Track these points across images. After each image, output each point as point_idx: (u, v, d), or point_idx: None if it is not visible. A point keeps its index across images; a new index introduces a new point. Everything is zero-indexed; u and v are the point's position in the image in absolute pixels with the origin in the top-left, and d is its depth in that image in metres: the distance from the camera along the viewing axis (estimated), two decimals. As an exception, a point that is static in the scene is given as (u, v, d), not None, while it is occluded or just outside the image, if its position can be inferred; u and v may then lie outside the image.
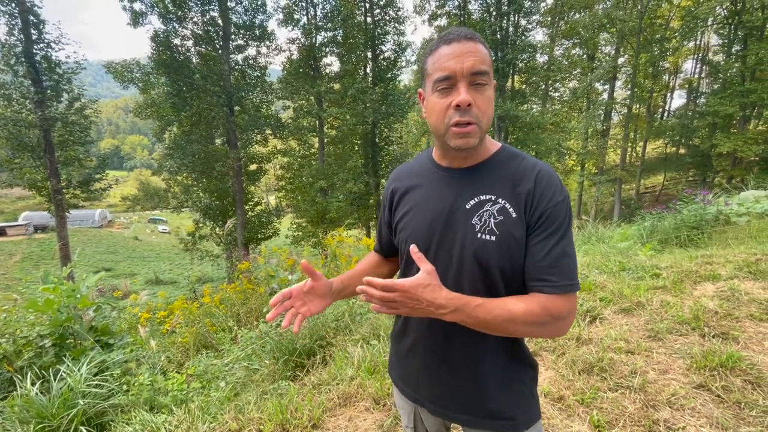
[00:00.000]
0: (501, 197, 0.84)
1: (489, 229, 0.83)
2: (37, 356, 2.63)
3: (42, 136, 13.44)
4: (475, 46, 0.79)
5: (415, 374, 1.00)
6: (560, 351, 2.41)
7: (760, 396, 1.81)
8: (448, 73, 0.78)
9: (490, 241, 0.82)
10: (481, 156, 0.89)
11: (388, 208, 1.05)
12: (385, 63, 20.16)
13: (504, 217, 0.83)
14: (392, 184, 1.04)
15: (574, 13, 24.13)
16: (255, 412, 2.09)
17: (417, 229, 0.92)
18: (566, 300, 0.80)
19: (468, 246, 0.84)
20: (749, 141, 18.84)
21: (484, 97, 0.80)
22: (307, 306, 0.94)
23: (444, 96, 0.80)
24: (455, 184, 0.89)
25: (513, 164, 0.87)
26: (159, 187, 21.61)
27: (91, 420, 2.16)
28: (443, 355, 0.92)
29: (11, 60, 13.04)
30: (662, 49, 22.55)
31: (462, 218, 0.86)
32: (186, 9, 16.13)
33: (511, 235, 0.82)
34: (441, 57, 0.80)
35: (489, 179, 0.87)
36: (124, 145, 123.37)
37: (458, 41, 0.79)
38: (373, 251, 1.20)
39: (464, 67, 0.77)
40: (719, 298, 2.79)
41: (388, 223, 1.06)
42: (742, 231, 4.85)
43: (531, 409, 0.93)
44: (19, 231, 32.12)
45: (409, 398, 1.04)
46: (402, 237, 0.97)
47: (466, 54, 0.78)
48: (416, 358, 0.98)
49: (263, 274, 4.22)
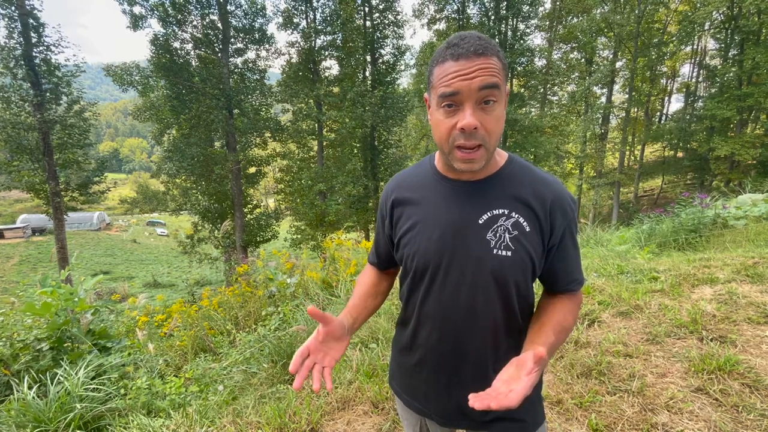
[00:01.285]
0: (514, 211, 0.82)
1: (504, 244, 0.82)
2: (35, 360, 2.62)
3: (41, 139, 13.42)
4: (487, 61, 0.71)
5: (423, 388, 0.97)
6: (558, 354, 2.41)
7: (758, 399, 1.81)
8: (453, 90, 0.72)
9: (507, 257, 0.81)
10: (490, 169, 0.86)
11: (388, 220, 0.99)
12: (384, 66, 20.23)
13: (518, 232, 0.82)
14: (392, 195, 0.97)
15: (572, 17, 24.29)
16: (253, 416, 2.08)
17: (424, 245, 0.87)
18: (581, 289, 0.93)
19: (485, 263, 0.82)
20: (746, 144, 18.94)
21: (492, 117, 0.74)
22: (329, 355, 0.85)
23: (449, 115, 0.75)
24: (464, 198, 0.86)
25: (523, 177, 0.85)
26: (158, 190, 21.56)
27: (89, 424, 2.15)
28: (453, 369, 0.91)
29: (10, 63, 13.03)
30: (660, 53, 22.71)
31: (475, 234, 0.83)
32: (186, 12, 16.17)
33: (526, 249, 0.82)
34: (448, 73, 0.73)
35: (500, 193, 0.84)
36: (123, 148, 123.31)
37: (467, 57, 0.71)
38: (369, 265, 1.14)
39: (472, 86, 0.71)
40: (717, 302, 2.79)
41: (389, 237, 1.00)
42: (740, 234, 4.87)
43: (538, 411, 0.94)
44: (16, 234, 32.02)
45: (416, 411, 1.01)
46: (407, 252, 0.92)
47: (474, 71, 0.71)
48: (424, 373, 0.95)
49: (262, 277, 4.22)
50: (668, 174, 28.24)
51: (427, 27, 22.45)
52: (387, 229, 1.00)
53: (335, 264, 4.29)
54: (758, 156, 19.06)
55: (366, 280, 1.09)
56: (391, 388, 1.11)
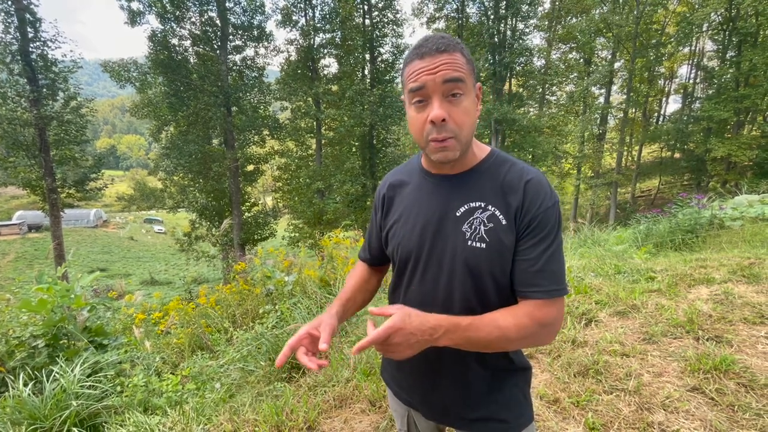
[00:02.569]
0: (491, 204, 0.84)
1: (479, 236, 0.82)
2: (30, 357, 2.60)
3: (37, 135, 13.34)
4: (450, 56, 0.76)
5: (408, 379, 0.99)
6: (556, 353, 2.42)
7: (753, 399, 1.82)
8: (420, 84, 0.76)
9: (480, 249, 0.82)
10: (469, 163, 0.88)
11: (380, 211, 1.03)
12: (383, 65, 20.22)
13: (494, 224, 0.82)
14: (384, 189, 1.03)
15: (571, 17, 24.32)
16: (250, 413, 2.08)
17: (406, 238, 0.91)
18: (554, 305, 0.80)
19: (459, 254, 0.84)
20: (743, 146, 19.04)
21: (459, 109, 0.77)
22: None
23: (420, 110, 0.79)
24: (444, 192, 0.89)
25: (502, 170, 0.86)
26: (155, 187, 21.48)
27: (84, 421, 2.14)
28: (435, 360, 0.91)
29: (7, 58, 12.95)
30: (658, 54, 22.77)
31: (452, 226, 0.85)
32: (184, 9, 16.11)
33: (501, 241, 0.82)
34: (414, 70, 0.78)
35: (478, 186, 0.86)
36: (120, 145, 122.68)
37: (431, 55, 0.76)
38: (360, 261, 1.16)
39: (436, 79, 0.75)
40: (713, 302, 2.80)
41: (380, 227, 1.04)
42: (736, 235, 4.89)
43: (524, 412, 0.94)
44: (12, 230, 31.83)
45: (403, 401, 1.04)
46: (393, 245, 0.96)
47: (438, 65, 0.75)
48: (409, 363, 0.95)
49: (259, 275, 4.20)
50: (665, 175, 28.37)
51: (427, 26, 22.44)
52: (379, 219, 1.04)
53: (333, 262, 4.28)
54: (755, 157, 19.16)
55: (356, 275, 1.11)
56: (383, 380, 1.13)
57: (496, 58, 20.10)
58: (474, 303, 0.85)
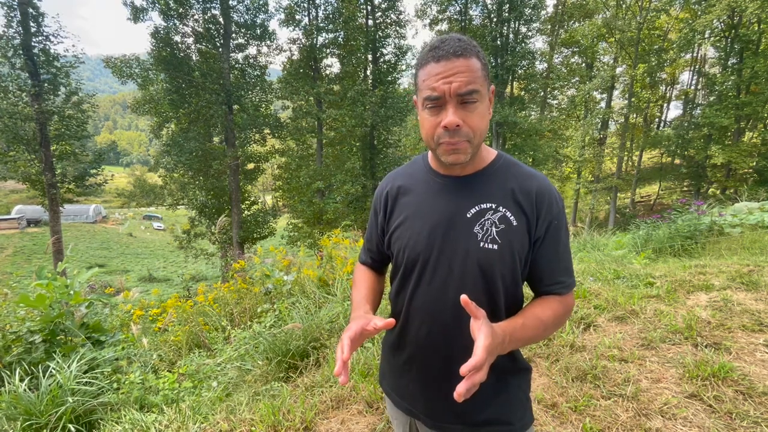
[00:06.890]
0: (502, 205, 0.84)
1: (491, 237, 0.83)
2: (27, 352, 2.60)
3: (38, 130, 13.33)
4: (467, 63, 0.75)
5: (411, 387, 0.97)
6: (554, 358, 2.41)
7: (752, 406, 1.82)
8: (437, 93, 0.76)
9: (493, 250, 0.82)
10: (478, 165, 0.88)
11: (382, 214, 1.00)
12: (385, 66, 20.22)
13: (505, 226, 0.83)
14: (386, 189, 0.99)
15: (574, 21, 24.38)
16: (247, 413, 2.07)
17: (414, 240, 0.89)
18: (572, 295, 0.90)
19: (471, 255, 0.83)
20: (743, 153, 19.09)
21: (474, 114, 0.78)
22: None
23: (433, 114, 0.79)
24: (454, 193, 0.88)
25: (511, 173, 0.88)
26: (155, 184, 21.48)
27: (80, 418, 2.13)
28: (441, 368, 0.90)
29: (9, 52, 12.94)
30: (660, 59, 22.80)
31: (463, 227, 0.85)
32: (187, 6, 16.10)
33: (512, 243, 0.83)
34: (430, 75, 0.77)
35: (488, 187, 0.86)
36: (121, 141, 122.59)
37: (447, 59, 0.75)
38: (363, 267, 1.12)
39: (452, 88, 0.75)
40: (712, 308, 2.80)
41: (382, 230, 1.01)
42: (736, 242, 4.90)
43: (526, 413, 0.94)
44: (11, 224, 31.80)
45: (404, 411, 1.01)
46: (397, 247, 0.93)
47: (455, 74, 0.75)
48: (413, 371, 0.95)
49: (258, 274, 4.20)
50: (665, 180, 28.42)
51: (429, 27, 22.49)
52: (381, 221, 1.01)
53: (332, 262, 4.28)
54: (755, 165, 19.19)
55: (365, 281, 1.07)
56: (382, 388, 1.10)
57: (498, 61, 20.14)
58: (484, 305, 0.83)
